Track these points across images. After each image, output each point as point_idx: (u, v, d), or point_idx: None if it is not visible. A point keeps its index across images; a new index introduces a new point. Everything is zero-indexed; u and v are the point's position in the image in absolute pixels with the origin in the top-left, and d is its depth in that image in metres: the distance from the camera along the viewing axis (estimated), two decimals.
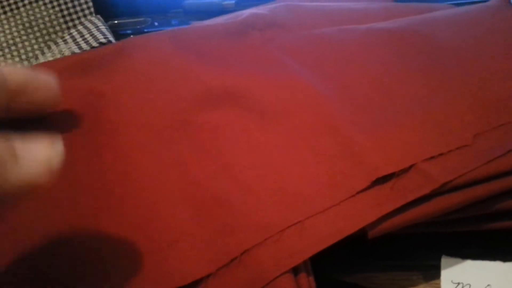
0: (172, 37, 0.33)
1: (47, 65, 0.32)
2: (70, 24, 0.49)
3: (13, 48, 0.49)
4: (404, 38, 0.32)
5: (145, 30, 0.50)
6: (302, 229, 0.22)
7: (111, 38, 0.42)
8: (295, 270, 0.21)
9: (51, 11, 0.50)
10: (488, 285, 0.24)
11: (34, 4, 0.50)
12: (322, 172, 0.23)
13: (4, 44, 0.49)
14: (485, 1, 0.41)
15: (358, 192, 0.22)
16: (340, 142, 0.25)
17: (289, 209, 0.22)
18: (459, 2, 0.46)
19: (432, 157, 0.23)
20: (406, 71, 0.29)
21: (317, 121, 0.26)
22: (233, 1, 0.49)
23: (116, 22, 0.52)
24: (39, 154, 0.15)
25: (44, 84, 0.23)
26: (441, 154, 0.23)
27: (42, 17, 0.49)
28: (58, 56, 0.42)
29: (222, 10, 0.48)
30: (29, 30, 0.50)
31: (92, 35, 0.43)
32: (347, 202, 0.22)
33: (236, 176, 0.24)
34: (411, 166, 0.23)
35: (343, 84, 0.29)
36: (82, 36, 0.44)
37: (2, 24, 0.50)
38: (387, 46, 0.32)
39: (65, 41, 0.45)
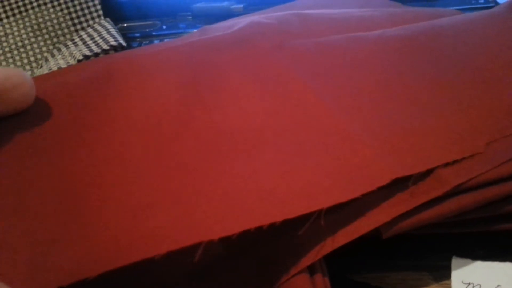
0: (179, 48, 0.33)
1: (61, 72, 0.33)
2: (79, 27, 0.49)
3: (21, 50, 0.50)
4: (413, 46, 0.33)
5: (154, 34, 0.51)
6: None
7: (122, 41, 0.43)
8: (311, 270, 0.21)
9: (59, 13, 0.50)
10: (498, 285, 0.24)
11: (43, 7, 0.50)
12: (339, 171, 0.23)
13: (13, 46, 0.50)
14: (490, 7, 0.42)
15: (378, 188, 0.22)
16: (353, 148, 0.25)
17: (309, 200, 0.22)
18: (464, 7, 0.47)
19: (447, 164, 0.23)
20: (416, 79, 0.30)
21: (330, 131, 0.26)
22: (242, 5, 0.49)
23: (124, 25, 0.52)
24: None
25: (20, 82, 0.24)
26: (455, 161, 0.23)
27: (51, 20, 0.50)
28: (69, 58, 0.42)
29: (230, 14, 0.48)
30: (38, 33, 0.50)
31: (102, 38, 0.44)
32: (362, 204, 0.22)
33: (249, 181, 0.23)
34: (427, 171, 0.23)
35: (353, 92, 0.29)
36: (92, 38, 0.44)
37: (11, 26, 0.50)
38: (396, 54, 0.32)
39: (75, 44, 0.45)
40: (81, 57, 0.41)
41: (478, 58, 0.32)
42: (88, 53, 0.41)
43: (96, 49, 0.42)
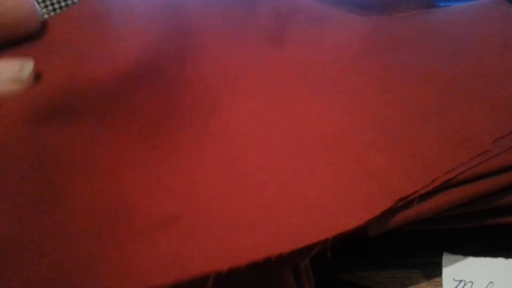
0: None
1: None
2: None
3: None
4: (404, 43, 0.32)
5: None
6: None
7: None
8: (294, 270, 0.21)
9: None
10: (491, 282, 0.23)
11: None
12: (342, 189, 0.22)
13: None
14: None
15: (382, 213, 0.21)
16: (354, 158, 0.23)
17: (315, 227, 0.21)
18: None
19: (453, 168, 0.22)
20: (411, 78, 0.28)
21: (327, 133, 0.25)
22: None
23: None
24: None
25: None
26: (462, 164, 0.22)
27: None
28: None
29: None
30: None
31: None
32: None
33: (250, 189, 0.23)
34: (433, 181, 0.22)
35: (349, 96, 0.28)
36: None
37: None
38: (388, 53, 0.31)
39: None
40: None
41: (472, 54, 0.30)
42: None
43: None
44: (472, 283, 0.23)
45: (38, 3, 0.44)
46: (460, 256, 0.24)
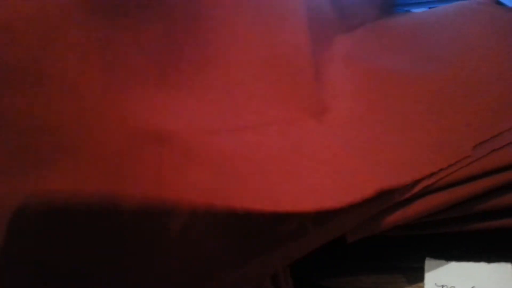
0: None
1: None
2: None
3: None
4: (388, 51, 0.32)
5: None
6: None
7: None
8: (273, 277, 0.20)
9: None
10: (473, 287, 0.23)
11: None
12: (329, 174, 0.22)
13: None
14: None
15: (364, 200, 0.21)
16: (337, 155, 0.24)
17: (299, 197, 0.21)
18: None
19: (432, 174, 0.22)
20: (395, 86, 0.28)
21: (313, 124, 0.25)
22: None
23: None
24: None
25: None
26: (441, 169, 0.22)
27: None
28: None
29: None
30: None
31: None
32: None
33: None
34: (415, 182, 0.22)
35: (332, 102, 0.28)
36: None
37: None
38: (373, 59, 0.31)
39: None
40: None
41: (456, 57, 0.30)
42: None
43: None
44: None
45: None
46: (443, 261, 0.24)
